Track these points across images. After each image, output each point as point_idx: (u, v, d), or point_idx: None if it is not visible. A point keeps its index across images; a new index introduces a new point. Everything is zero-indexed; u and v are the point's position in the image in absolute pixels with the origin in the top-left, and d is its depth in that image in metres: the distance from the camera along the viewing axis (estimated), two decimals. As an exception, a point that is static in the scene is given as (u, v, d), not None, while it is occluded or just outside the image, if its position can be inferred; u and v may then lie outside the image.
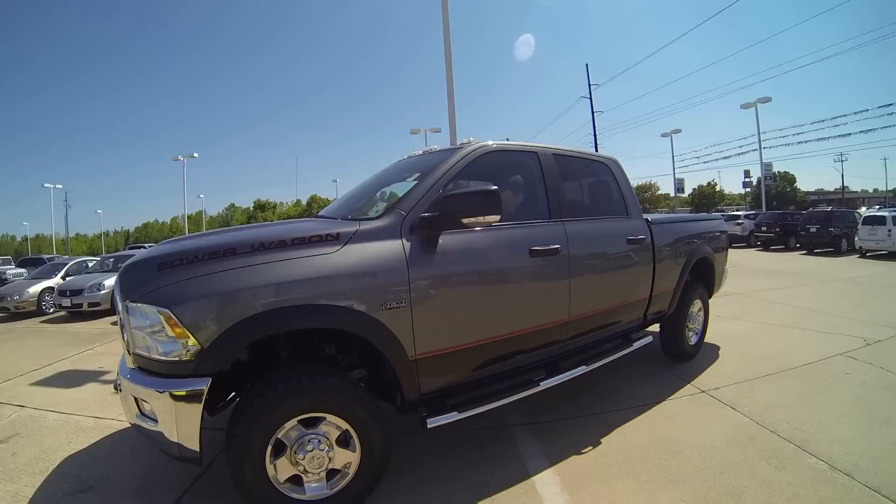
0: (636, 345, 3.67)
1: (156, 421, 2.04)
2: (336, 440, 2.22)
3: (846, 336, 5.11)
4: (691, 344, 4.61)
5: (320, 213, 3.54)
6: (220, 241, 2.34)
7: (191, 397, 1.96)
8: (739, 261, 13.93)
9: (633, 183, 4.50)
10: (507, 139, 3.26)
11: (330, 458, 2.19)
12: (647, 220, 3.98)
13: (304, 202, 61.21)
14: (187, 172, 32.93)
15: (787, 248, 17.91)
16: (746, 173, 38.61)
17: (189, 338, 1.94)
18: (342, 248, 2.26)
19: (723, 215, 23.33)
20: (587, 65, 34.96)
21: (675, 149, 38.37)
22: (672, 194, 40.83)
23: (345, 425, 2.21)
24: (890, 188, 56.52)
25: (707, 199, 47.18)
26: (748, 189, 43.57)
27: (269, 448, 2.08)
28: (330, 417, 2.18)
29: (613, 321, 3.59)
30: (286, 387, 2.09)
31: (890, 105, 31.15)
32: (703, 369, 4.34)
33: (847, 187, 57.58)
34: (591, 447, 2.95)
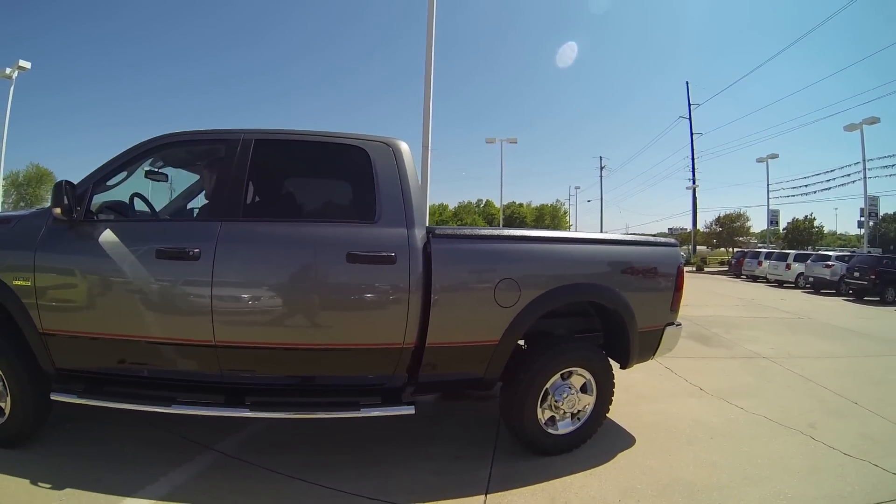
0: (366, 412, 2.50)
1: None
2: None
3: (878, 470, 2.81)
4: (554, 433, 2.94)
5: None
6: None
7: None
8: (809, 311, 10.85)
9: (721, 212, 2.72)
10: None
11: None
12: (430, 231, 2.70)
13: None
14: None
15: (884, 301, 13.89)
16: (862, 211, 32.49)
17: None
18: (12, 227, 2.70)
19: (813, 254, 19.84)
20: (687, 83, 31.46)
21: (771, 177, 32.97)
22: (765, 227, 35.32)
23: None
24: None
25: (803, 234, 40.42)
26: (862, 228, 36.80)
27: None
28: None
29: (328, 365, 2.64)
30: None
31: None
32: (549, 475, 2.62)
33: None
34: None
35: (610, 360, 3.12)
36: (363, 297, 2.59)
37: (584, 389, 2.98)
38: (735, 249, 32.81)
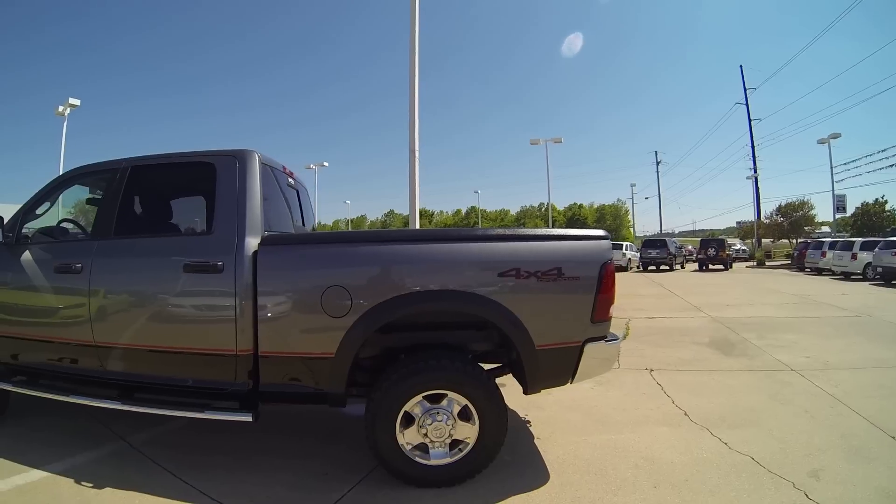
0: (210, 414, 2.59)
1: None
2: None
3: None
4: (424, 463, 2.53)
5: None
6: None
7: None
8: (872, 307, 9.16)
9: (782, 201, 2.05)
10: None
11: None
12: (271, 239, 2.74)
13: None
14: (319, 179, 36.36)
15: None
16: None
17: None
18: None
19: (882, 241, 17.01)
20: (741, 66, 28.95)
21: (837, 159, 29.45)
22: (832, 214, 31.66)
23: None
24: None
25: (874, 220, 35.65)
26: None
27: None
28: None
29: (174, 368, 2.77)
30: None
31: None
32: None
33: None
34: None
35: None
36: (197, 305, 2.71)
37: (464, 416, 2.50)
38: (798, 240, 29.62)
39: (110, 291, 2.84)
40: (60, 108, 19.12)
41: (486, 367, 3.05)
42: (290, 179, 3.50)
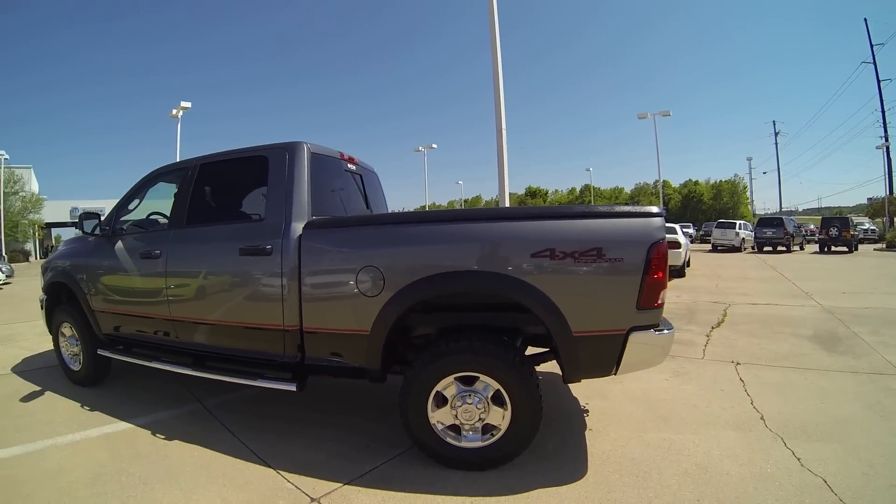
0: (262, 382, 2.83)
1: None
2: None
3: None
4: (456, 444, 2.53)
5: None
6: None
7: None
8: None
9: None
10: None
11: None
12: (313, 223, 2.84)
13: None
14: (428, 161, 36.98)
15: None
16: None
17: None
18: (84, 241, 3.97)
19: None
20: (866, 19, 24.57)
21: None
22: None
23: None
24: None
25: None
26: None
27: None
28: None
29: (235, 341, 3.06)
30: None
31: None
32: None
33: None
34: None
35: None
36: (250, 284, 2.91)
37: (498, 401, 2.45)
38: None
39: (181, 273, 3.22)
40: (174, 111, 20.97)
41: (534, 350, 2.95)
42: (348, 165, 3.60)
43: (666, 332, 2.39)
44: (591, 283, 2.31)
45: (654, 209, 2.37)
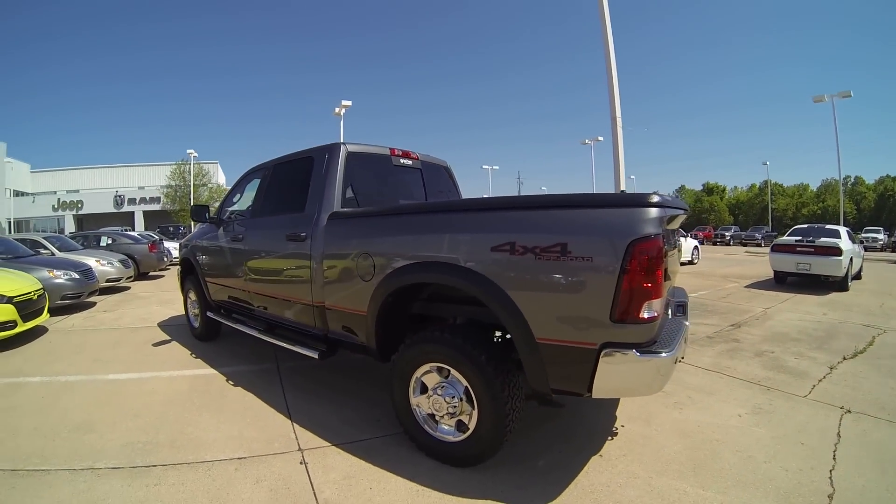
0: (299, 348, 3.33)
1: None
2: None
3: None
4: (431, 433, 2.61)
5: None
6: None
7: None
8: None
9: None
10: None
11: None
12: (335, 214, 3.21)
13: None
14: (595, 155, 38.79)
15: None
16: None
17: None
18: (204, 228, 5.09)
19: None
20: None
21: None
22: None
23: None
24: None
25: None
26: None
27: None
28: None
29: (284, 312, 3.65)
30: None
31: None
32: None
33: None
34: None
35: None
36: (291, 265, 3.47)
37: (470, 398, 2.43)
38: None
39: (252, 254, 3.99)
40: (336, 110, 21.55)
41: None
42: (402, 160, 3.85)
43: (654, 356, 1.97)
44: (553, 284, 2.05)
45: (638, 197, 2.01)
